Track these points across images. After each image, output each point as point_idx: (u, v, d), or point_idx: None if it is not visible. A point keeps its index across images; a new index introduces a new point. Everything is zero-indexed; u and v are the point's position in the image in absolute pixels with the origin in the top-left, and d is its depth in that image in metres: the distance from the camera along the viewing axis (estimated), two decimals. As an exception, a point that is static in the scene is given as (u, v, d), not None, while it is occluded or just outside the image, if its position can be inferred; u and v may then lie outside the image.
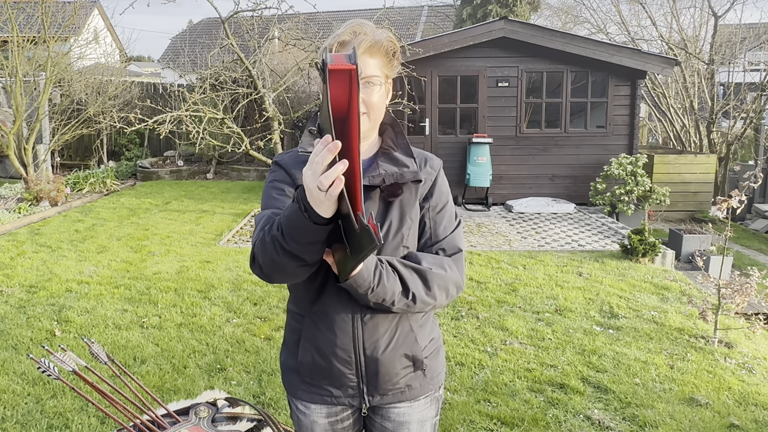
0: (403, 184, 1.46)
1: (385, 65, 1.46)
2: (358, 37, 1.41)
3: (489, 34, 9.11)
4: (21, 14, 10.85)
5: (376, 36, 1.43)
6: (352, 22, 1.45)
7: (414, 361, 1.54)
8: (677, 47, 12.13)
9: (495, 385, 3.63)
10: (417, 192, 1.49)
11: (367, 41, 1.41)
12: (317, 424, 1.60)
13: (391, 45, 1.46)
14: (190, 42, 18.28)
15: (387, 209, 1.46)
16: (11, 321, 4.60)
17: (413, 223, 1.48)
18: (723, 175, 10.36)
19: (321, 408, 1.59)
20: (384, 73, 1.46)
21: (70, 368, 1.51)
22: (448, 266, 1.47)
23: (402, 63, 1.51)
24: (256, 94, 9.63)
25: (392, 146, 1.51)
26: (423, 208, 1.51)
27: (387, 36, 1.45)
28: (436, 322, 1.68)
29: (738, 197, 4.27)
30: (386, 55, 1.46)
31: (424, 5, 22.62)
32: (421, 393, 1.59)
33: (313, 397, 1.57)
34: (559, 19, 17.99)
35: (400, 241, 1.46)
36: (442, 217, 1.52)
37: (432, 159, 1.56)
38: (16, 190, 9.75)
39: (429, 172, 1.52)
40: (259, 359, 3.97)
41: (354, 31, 1.42)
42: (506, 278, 5.77)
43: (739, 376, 3.84)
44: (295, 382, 1.60)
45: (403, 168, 1.47)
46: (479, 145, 9.09)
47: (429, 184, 1.52)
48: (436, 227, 1.52)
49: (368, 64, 1.42)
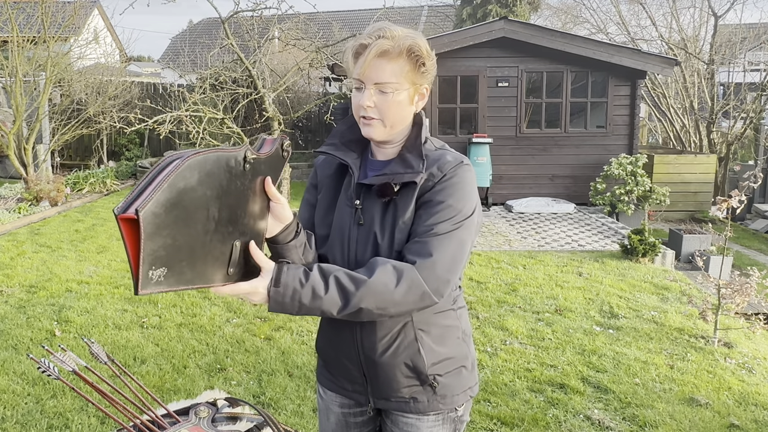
0: (397, 185, 1.41)
1: (409, 71, 1.41)
2: (377, 41, 1.38)
3: (489, 34, 9.11)
4: (21, 14, 10.85)
5: (400, 41, 1.38)
6: (379, 25, 1.42)
7: (417, 373, 1.50)
8: (677, 47, 12.13)
9: (495, 385, 3.63)
10: (414, 194, 1.42)
11: (382, 46, 1.37)
12: (332, 411, 1.67)
13: (416, 50, 1.40)
14: (190, 42, 18.28)
15: (384, 210, 1.44)
16: (11, 321, 4.61)
17: (406, 226, 1.41)
18: (723, 175, 10.36)
19: (336, 397, 1.65)
20: (408, 79, 1.41)
21: (70, 368, 1.51)
22: (410, 279, 1.32)
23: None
24: (256, 94, 9.63)
25: (408, 148, 1.48)
26: (416, 204, 1.43)
27: (412, 42, 1.40)
28: (467, 342, 1.59)
29: (738, 197, 4.27)
30: (410, 60, 1.41)
31: (424, 5, 22.62)
32: (429, 409, 1.53)
33: (329, 384, 1.65)
34: (559, 19, 17.99)
35: (392, 244, 1.41)
36: (429, 215, 1.39)
37: (446, 161, 1.43)
38: (16, 190, 9.75)
39: (434, 173, 1.43)
40: (259, 359, 3.97)
41: (378, 35, 1.39)
42: (506, 278, 5.77)
43: (739, 376, 3.84)
44: (319, 366, 1.70)
45: (407, 169, 1.43)
46: (479, 145, 9.09)
47: (430, 184, 1.43)
48: (419, 222, 1.39)
49: (383, 69, 1.39)
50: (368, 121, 1.44)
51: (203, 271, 1.23)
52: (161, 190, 1.12)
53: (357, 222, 1.46)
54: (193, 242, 1.20)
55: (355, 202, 1.47)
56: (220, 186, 1.22)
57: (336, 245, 1.49)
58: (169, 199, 1.14)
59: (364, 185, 1.47)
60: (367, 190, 1.47)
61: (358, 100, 1.43)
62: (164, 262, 1.17)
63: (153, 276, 1.15)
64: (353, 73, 1.44)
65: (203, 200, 1.20)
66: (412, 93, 1.45)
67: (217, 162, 1.21)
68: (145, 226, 1.10)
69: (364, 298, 1.30)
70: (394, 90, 1.41)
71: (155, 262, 1.15)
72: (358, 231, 1.46)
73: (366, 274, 1.32)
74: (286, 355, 4.04)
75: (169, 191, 1.14)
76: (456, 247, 1.37)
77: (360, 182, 1.48)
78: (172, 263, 1.18)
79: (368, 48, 1.38)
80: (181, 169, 1.14)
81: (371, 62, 1.38)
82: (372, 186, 1.45)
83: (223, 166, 1.23)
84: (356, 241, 1.46)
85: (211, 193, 1.21)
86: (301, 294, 1.28)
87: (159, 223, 1.13)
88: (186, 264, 1.21)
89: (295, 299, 1.28)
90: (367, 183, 1.46)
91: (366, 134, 1.47)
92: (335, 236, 1.49)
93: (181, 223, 1.17)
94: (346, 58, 1.46)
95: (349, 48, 1.44)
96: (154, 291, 1.17)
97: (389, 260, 1.35)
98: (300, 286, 1.29)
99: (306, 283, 1.29)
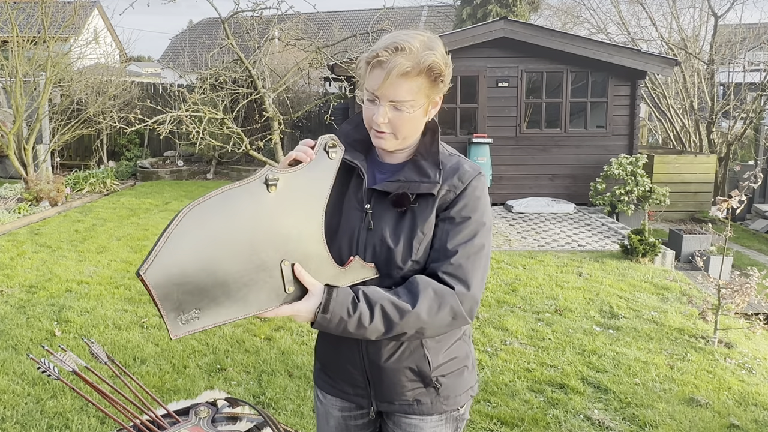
0: (413, 195, 1.39)
1: (425, 87, 1.37)
2: (396, 58, 1.32)
3: (489, 34, 9.11)
4: (21, 14, 10.85)
5: (420, 57, 1.33)
6: (397, 35, 1.35)
7: (422, 376, 1.49)
8: (677, 47, 12.13)
9: (495, 385, 3.63)
10: (434, 204, 1.40)
11: (402, 67, 1.32)
12: (332, 415, 1.64)
13: (436, 67, 1.36)
14: (190, 42, 18.27)
15: (400, 219, 1.41)
16: (11, 321, 4.61)
17: (425, 237, 1.40)
18: (723, 175, 10.36)
19: (335, 400, 1.63)
20: (424, 94, 1.38)
21: (70, 368, 1.51)
22: (450, 306, 1.35)
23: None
24: (256, 94, 9.63)
25: (423, 154, 1.45)
26: (438, 218, 1.41)
27: (433, 59, 1.34)
28: (467, 342, 1.60)
29: (738, 197, 4.27)
30: (428, 77, 1.36)
31: (424, 5, 22.62)
32: (433, 411, 1.53)
33: (329, 388, 1.63)
34: (559, 19, 17.99)
35: (408, 254, 1.39)
36: (456, 231, 1.39)
37: (465, 171, 1.42)
38: (16, 190, 9.75)
39: (455, 184, 1.40)
40: (259, 359, 3.97)
41: (396, 47, 1.32)
42: (506, 278, 5.77)
43: (739, 376, 3.84)
44: (316, 370, 1.68)
45: (424, 178, 1.40)
46: (479, 145, 9.09)
47: (452, 196, 1.40)
48: (446, 239, 1.39)
49: (401, 88, 1.34)
50: (380, 135, 1.41)
51: (251, 300, 1.27)
52: (165, 245, 1.16)
53: (366, 227, 1.43)
54: (224, 279, 1.23)
55: (366, 206, 1.44)
56: (243, 217, 1.23)
57: (344, 249, 1.45)
58: (177, 252, 1.17)
59: (375, 190, 1.43)
60: (378, 195, 1.43)
61: (371, 114, 1.40)
62: (194, 305, 1.21)
63: (183, 320, 1.20)
64: (366, 85, 1.39)
65: (222, 238, 1.21)
66: (427, 105, 1.42)
67: (227, 198, 1.22)
68: (153, 284, 1.15)
69: (407, 326, 1.34)
70: (411, 107, 1.38)
71: (182, 308, 1.20)
72: (367, 236, 1.43)
73: (409, 301, 1.34)
74: (286, 355, 4.04)
75: (175, 246, 1.17)
76: (484, 263, 1.42)
77: (372, 187, 1.44)
78: (203, 303, 1.22)
79: (385, 66, 1.33)
80: (182, 221, 1.17)
81: (389, 82, 1.33)
82: (383, 191, 1.42)
83: (240, 197, 1.23)
84: (365, 246, 1.43)
85: (230, 228, 1.22)
86: (347, 323, 1.32)
87: (170, 277, 1.17)
88: (224, 299, 1.23)
89: (340, 326, 1.33)
90: (380, 189, 1.42)
91: (377, 145, 1.45)
92: (343, 240, 1.45)
93: (201, 268, 1.20)
94: (359, 65, 1.43)
95: (363, 58, 1.39)
96: (192, 331, 1.21)
97: (429, 282, 1.37)
98: (347, 316, 1.32)
99: (353, 314, 1.32)
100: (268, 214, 1.26)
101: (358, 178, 1.47)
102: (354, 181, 1.48)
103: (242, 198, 1.23)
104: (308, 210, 1.31)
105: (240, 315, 1.26)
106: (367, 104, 1.41)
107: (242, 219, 1.23)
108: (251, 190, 1.24)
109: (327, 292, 1.32)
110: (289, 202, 1.28)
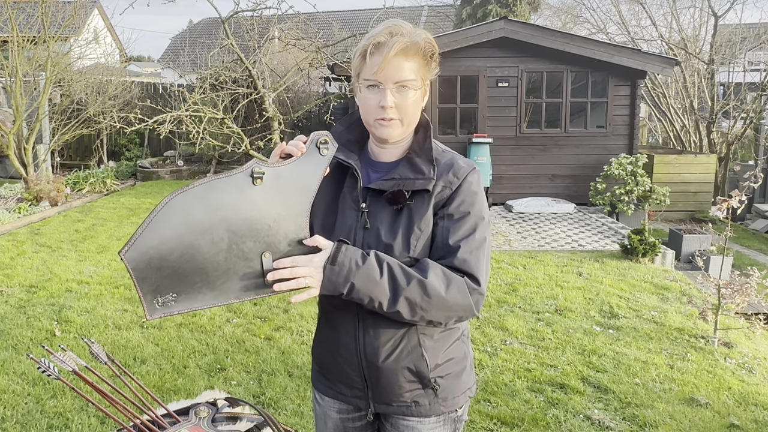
0: (409, 192, 1.40)
1: (421, 67, 1.41)
2: (393, 38, 1.36)
3: (489, 34, 9.11)
4: (21, 14, 10.85)
5: (413, 37, 1.38)
6: (389, 23, 1.40)
7: (420, 377, 1.48)
8: (677, 47, 12.13)
9: (495, 385, 3.63)
10: (430, 201, 1.40)
11: (401, 43, 1.36)
12: (329, 417, 1.64)
13: (429, 47, 1.41)
14: (190, 42, 18.26)
15: (396, 216, 1.42)
16: (11, 321, 4.61)
17: (422, 233, 1.40)
18: (723, 175, 10.36)
19: (333, 402, 1.62)
20: (420, 76, 1.41)
21: (70, 368, 1.51)
22: (457, 287, 1.35)
23: None
24: (256, 94, 9.63)
25: (416, 151, 1.46)
26: (437, 216, 1.42)
27: (425, 37, 1.40)
28: (466, 342, 1.59)
29: (738, 197, 4.27)
30: (423, 57, 1.40)
31: (424, 5, 22.62)
32: (431, 412, 1.52)
33: (326, 389, 1.63)
34: (559, 19, 17.99)
35: (406, 251, 1.39)
36: (457, 227, 1.40)
37: (459, 167, 1.43)
38: (16, 190, 9.75)
39: (450, 180, 1.41)
40: (259, 359, 3.97)
41: (390, 32, 1.37)
42: (506, 278, 5.77)
43: (739, 376, 3.84)
44: (314, 372, 1.69)
45: (418, 175, 1.41)
46: (479, 145, 9.09)
47: (448, 192, 1.41)
48: (448, 236, 1.40)
49: (403, 67, 1.37)
50: (387, 123, 1.40)
51: (228, 288, 1.29)
52: (146, 230, 1.22)
53: (363, 226, 1.43)
54: (203, 266, 1.26)
55: (362, 205, 1.44)
56: (226, 208, 1.26)
57: None
58: (157, 237, 1.22)
59: (370, 188, 1.44)
60: (374, 194, 1.44)
61: (377, 101, 1.39)
62: (171, 289, 1.25)
63: (159, 302, 1.25)
64: (366, 73, 1.39)
65: (203, 227, 1.25)
66: (424, 89, 1.45)
67: (211, 188, 1.25)
68: (133, 266, 1.21)
69: (413, 292, 1.32)
70: (415, 88, 1.40)
71: (159, 291, 1.25)
72: (363, 235, 1.43)
73: (418, 272, 1.34)
74: (286, 355, 4.04)
75: (155, 231, 1.22)
76: (487, 256, 1.43)
77: (367, 186, 1.44)
78: (180, 288, 1.26)
79: (385, 46, 1.35)
80: (165, 207, 1.22)
81: (391, 61, 1.35)
82: (378, 190, 1.43)
83: (224, 188, 1.26)
84: (362, 245, 1.43)
85: (212, 217, 1.25)
86: (355, 276, 1.31)
87: (149, 260, 1.22)
88: (202, 285, 1.27)
89: (348, 279, 1.31)
90: (375, 188, 1.43)
91: (383, 135, 1.43)
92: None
93: (180, 254, 1.24)
94: (354, 58, 1.43)
95: (360, 48, 1.40)
96: (168, 314, 1.26)
97: (438, 264, 1.37)
98: (356, 267, 1.31)
99: (362, 266, 1.31)
100: (252, 205, 1.28)
101: (352, 177, 1.48)
102: (348, 180, 1.49)
103: (226, 189, 1.26)
104: (294, 203, 1.32)
105: (217, 302, 1.29)
106: (367, 94, 1.41)
107: (225, 209, 1.26)
108: (236, 181, 1.27)
109: (336, 245, 1.33)
110: (275, 195, 1.30)
